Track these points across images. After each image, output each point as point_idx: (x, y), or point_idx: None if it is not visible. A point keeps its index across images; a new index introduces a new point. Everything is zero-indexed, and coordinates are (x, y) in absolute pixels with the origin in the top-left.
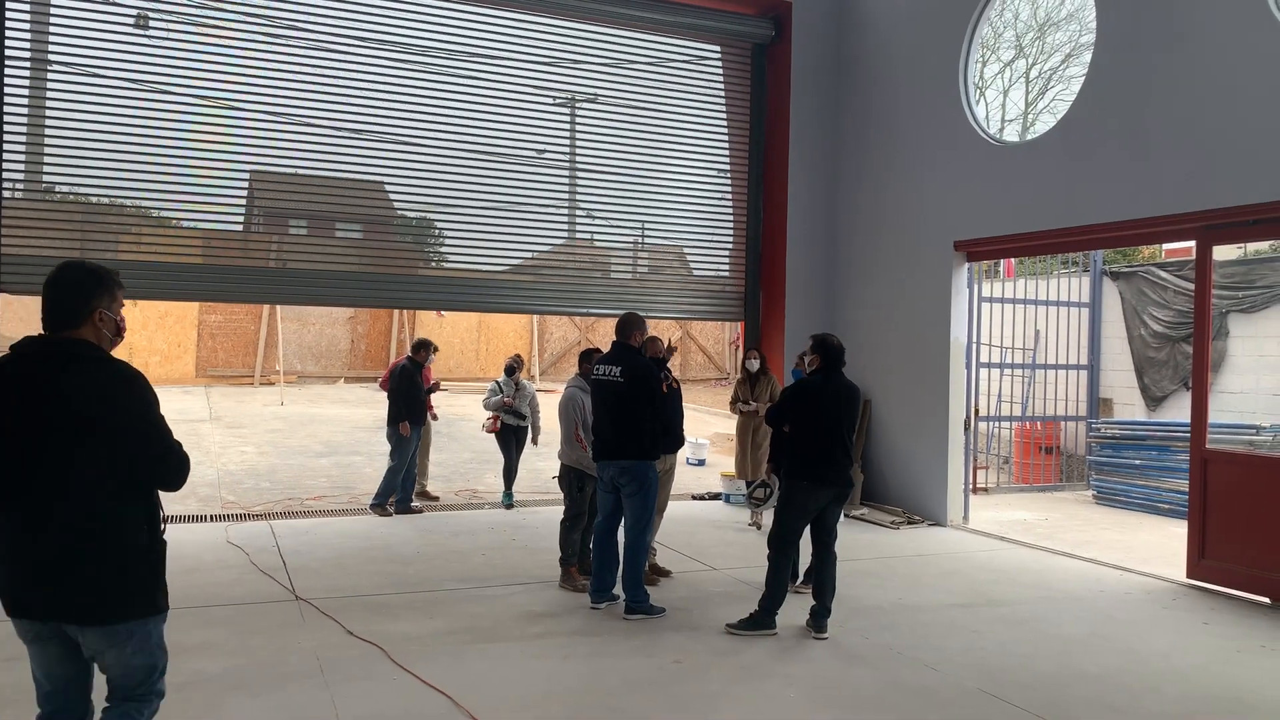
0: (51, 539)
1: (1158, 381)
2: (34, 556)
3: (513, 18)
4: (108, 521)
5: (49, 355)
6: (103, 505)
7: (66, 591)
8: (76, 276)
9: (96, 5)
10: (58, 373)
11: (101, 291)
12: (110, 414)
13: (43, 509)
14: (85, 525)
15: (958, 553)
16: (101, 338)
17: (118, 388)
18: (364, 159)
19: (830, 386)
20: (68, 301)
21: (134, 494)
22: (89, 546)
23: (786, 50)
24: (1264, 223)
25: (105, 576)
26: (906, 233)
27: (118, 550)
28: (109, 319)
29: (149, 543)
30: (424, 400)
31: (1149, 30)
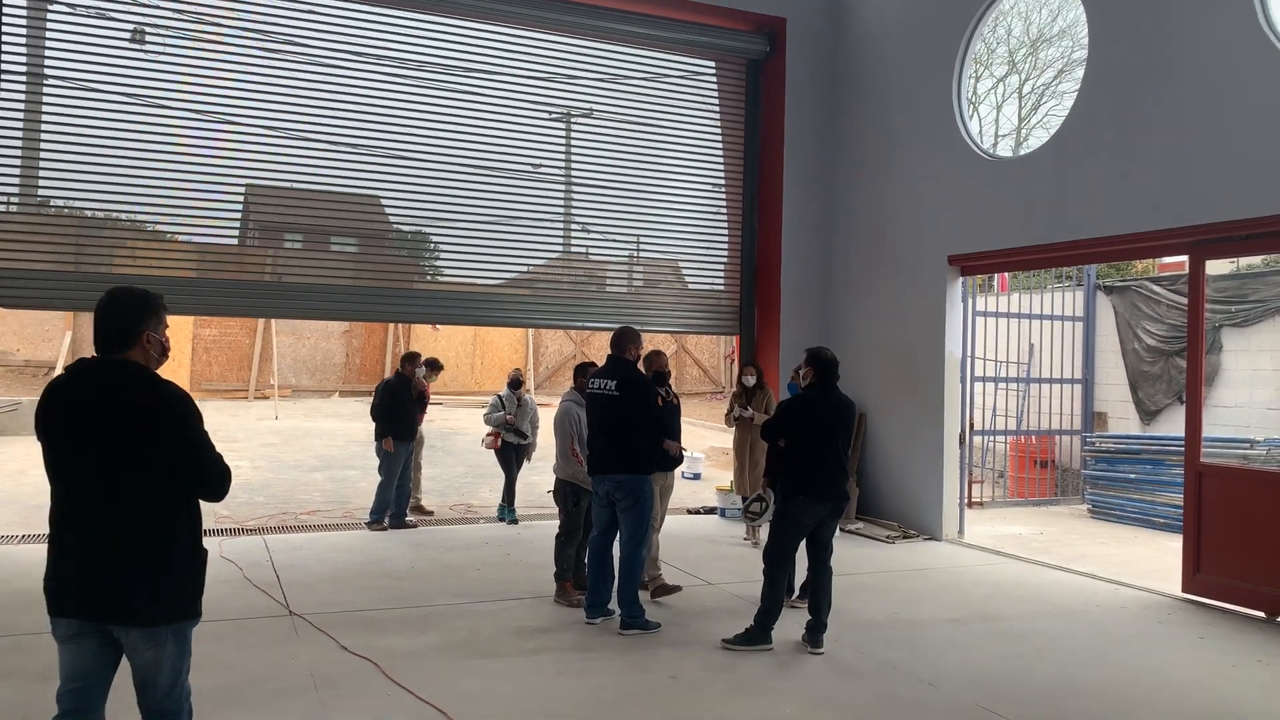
0: (103, 546)
1: (1152, 395)
2: (86, 562)
3: (508, 33)
4: (155, 530)
5: (102, 376)
6: (150, 515)
7: (117, 594)
8: (126, 301)
9: (93, 20)
10: (109, 392)
11: (149, 315)
12: (157, 431)
13: (95, 518)
14: (134, 533)
15: (953, 567)
16: (149, 358)
17: (164, 406)
18: (360, 173)
19: (825, 401)
20: (118, 325)
21: (178, 505)
22: (138, 553)
23: (781, 66)
24: (1256, 237)
25: (153, 581)
26: (901, 247)
27: (163, 557)
28: (155, 340)
29: (191, 551)
30: (413, 414)
31: (1141, 46)
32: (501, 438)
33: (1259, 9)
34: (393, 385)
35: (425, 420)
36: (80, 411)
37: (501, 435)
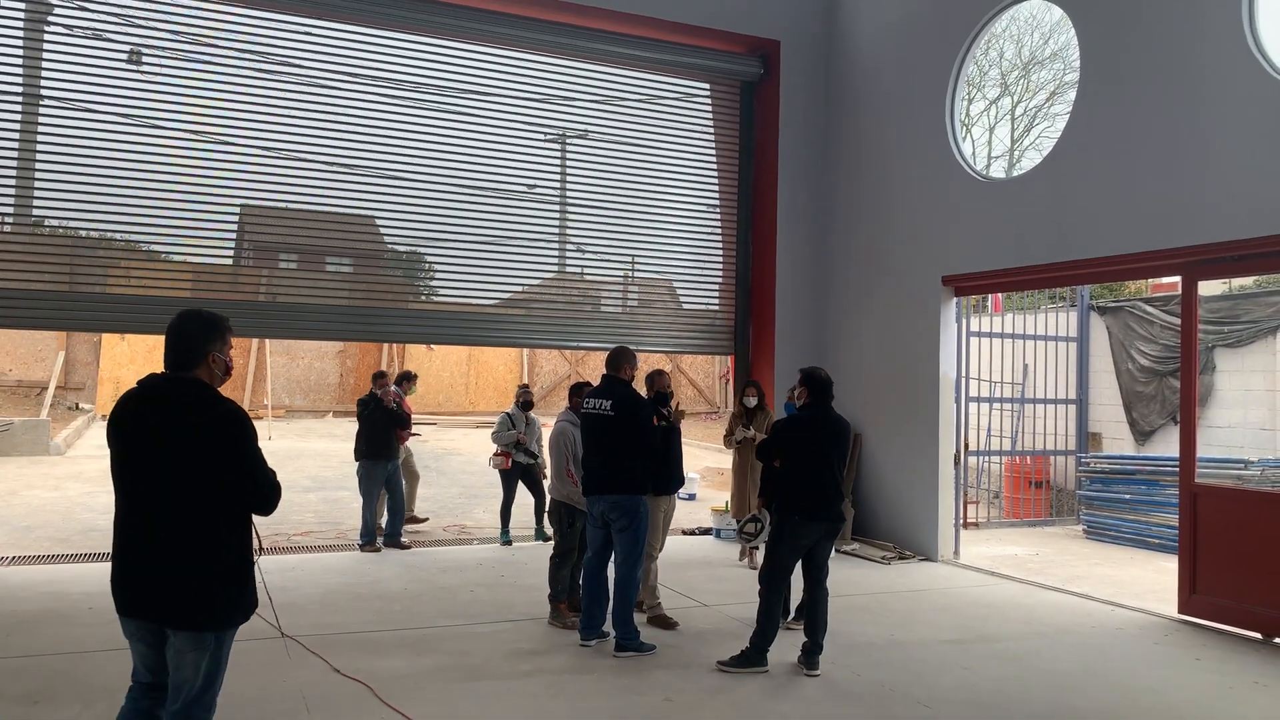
0: (156, 551)
1: (1146, 416)
2: (140, 565)
3: (504, 55)
4: (204, 539)
5: (165, 392)
6: (201, 525)
7: (166, 597)
8: (193, 324)
9: (89, 41)
10: (170, 408)
11: (215, 336)
12: (213, 447)
13: (150, 525)
14: (185, 541)
15: (949, 588)
16: (213, 377)
17: (221, 425)
18: (355, 194)
19: (820, 420)
20: (185, 346)
21: (229, 517)
22: (187, 560)
23: (775, 88)
24: (1248, 258)
25: (200, 587)
26: (895, 267)
27: (211, 565)
28: (220, 360)
29: (239, 560)
30: (386, 433)
31: (1132, 69)
32: (512, 458)
33: (1248, 32)
34: (363, 403)
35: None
36: (142, 424)
37: (510, 455)
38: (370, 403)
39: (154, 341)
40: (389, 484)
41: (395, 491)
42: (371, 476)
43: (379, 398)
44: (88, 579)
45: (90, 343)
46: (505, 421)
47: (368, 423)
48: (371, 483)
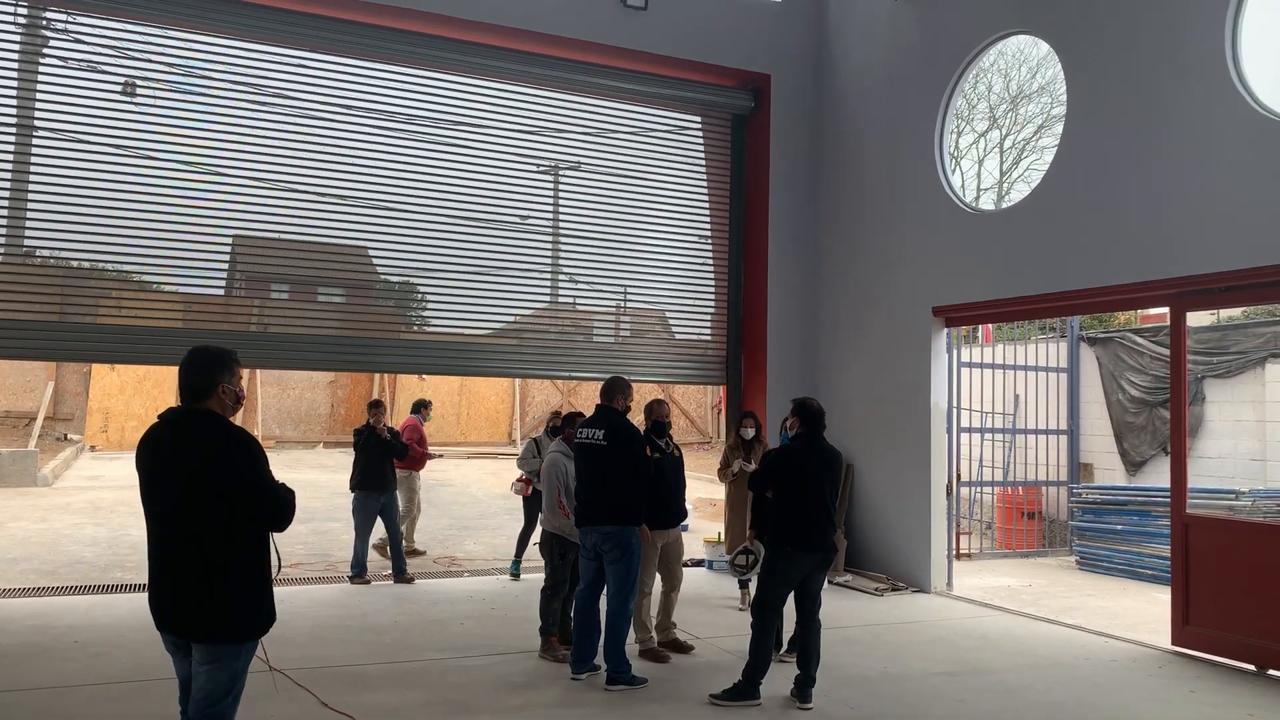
0: (176, 570)
1: (1137, 446)
2: (164, 583)
3: (497, 88)
4: (219, 557)
5: (180, 423)
6: (218, 544)
7: (186, 611)
8: (202, 359)
9: (84, 73)
10: (183, 436)
11: (222, 369)
12: (223, 471)
13: (171, 546)
14: (201, 560)
15: (942, 620)
16: (224, 406)
17: (229, 450)
18: (348, 224)
19: (811, 451)
20: (195, 379)
21: (242, 535)
22: (203, 577)
23: (765, 121)
24: (1235, 289)
25: (216, 602)
26: (886, 298)
27: (225, 581)
28: (229, 391)
29: (255, 578)
30: (380, 464)
31: (1118, 102)
32: (534, 485)
33: (1231, 66)
34: (359, 433)
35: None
36: (160, 453)
37: (534, 483)
38: (365, 433)
39: (144, 372)
40: (384, 517)
41: (391, 526)
42: (365, 508)
43: (373, 428)
44: (73, 612)
45: (80, 373)
46: (530, 447)
47: (363, 453)
48: (365, 514)
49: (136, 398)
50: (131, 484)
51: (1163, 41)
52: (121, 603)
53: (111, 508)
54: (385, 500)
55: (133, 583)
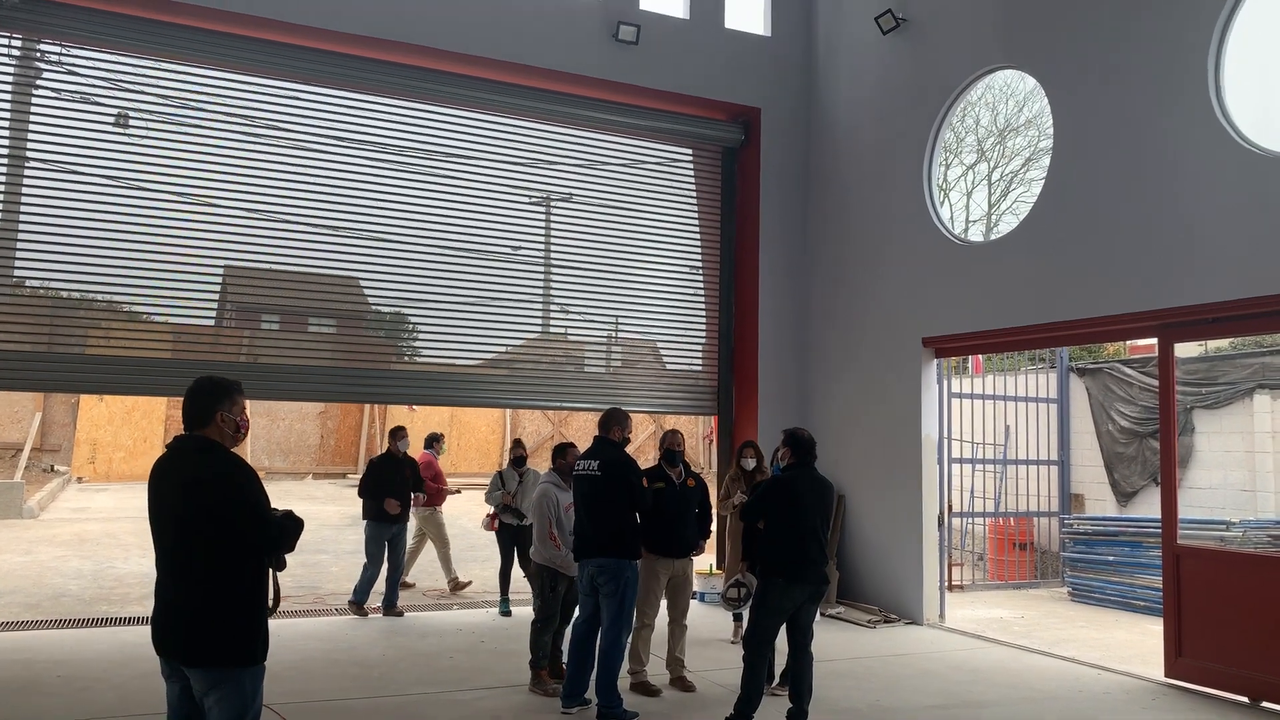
0: (175, 594)
1: (1127, 477)
2: (168, 605)
3: (489, 120)
4: (218, 581)
5: (179, 451)
6: (214, 567)
7: (182, 637)
8: (203, 387)
9: (77, 104)
10: (180, 465)
11: (222, 398)
12: (215, 498)
13: (175, 568)
14: (201, 583)
15: (935, 652)
16: (224, 435)
17: (219, 477)
18: (340, 255)
19: (802, 481)
20: (195, 408)
21: (239, 563)
22: (200, 602)
23: (755, 153)
24: (1223, 320)
25: (211, 627)
26: (876, 329)
27: (221, 606)
28: (229, 420)
29: (249, 603)
30: (395, 493)
31: (1104, 135)
32: (500, 519)
33: (1215, 100)
34: (375, 462)
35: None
36: (160, 481)
37: (499, 516)
38: (381, 461)
39: (132, 403)
40: (391, 547)
41: (396, 556)
42: (377, 538)
43: (392, 455)
44: (57, 646)
45: (68, 404)
46: (495, 480)
47: (379, 480)
48: (375, 543)
49: (125, 429)
50: (117, 516)
51: (1147, 76)
52: (106, 637)
53: (97, 540)
54: (396, 531)
55: (118, 616)
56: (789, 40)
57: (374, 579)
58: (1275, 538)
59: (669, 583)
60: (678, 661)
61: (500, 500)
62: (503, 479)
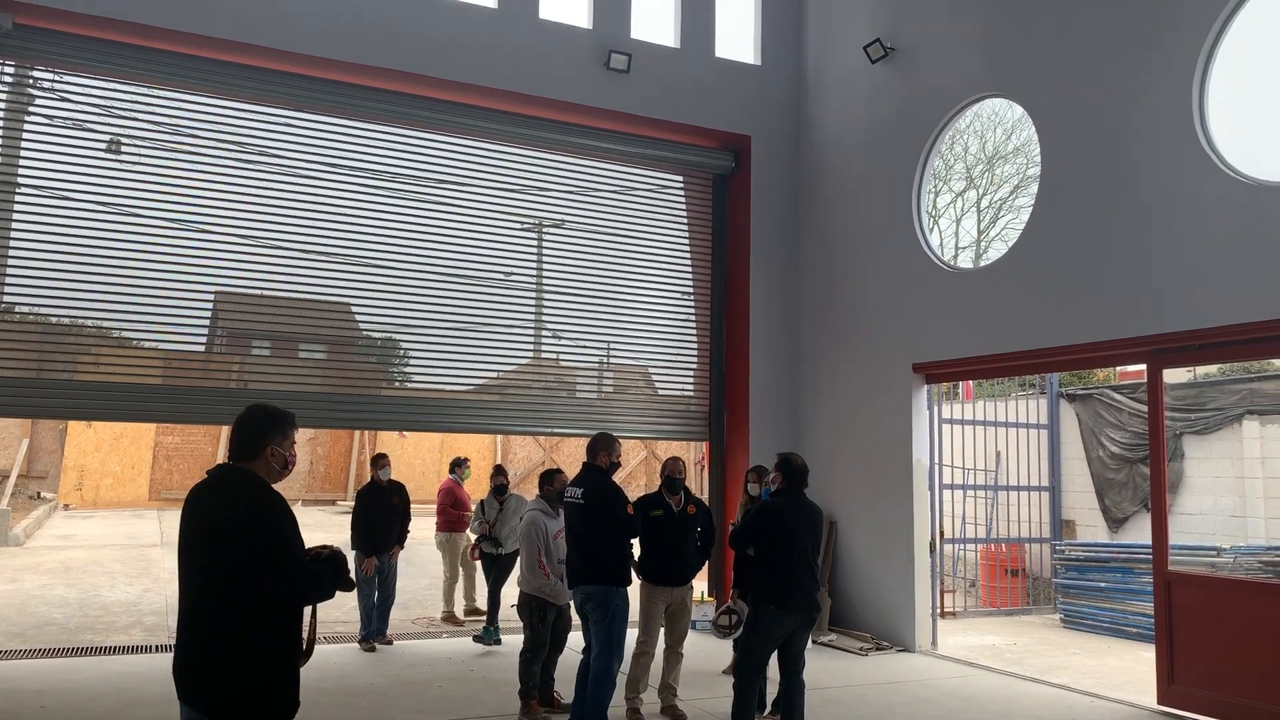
0: (193, 637)
1: (1118, 503)
2: (182, 650)
3: (481, 146)
4: (239, 631)
5: (213, 484)
6: (236, 616)
7: (198, 684)
8: (256, 416)
9: (69, 130)
10: (211, 500)
11: (274, 431)
12: (240, 539)
13: (194, 609)
14: (220, 632)
15: (927, 680)
16: (270, 471)
17: (245, 516)
18: (331, 281)
19: (793, 507)
20: (244, 436)
21: (266, 611)
22: (217, 649)
23: (746, 180)
24: (1210, 347)
25: (226, 677)
26: (866, 355)
27: (239, 656)
28: (279, 454)
29: (274, 658)
30: (380, 524)
31: (1091, 163)
32: (480, 548)
33: (1199, 128)
34: (362, 493)
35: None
36: (194, 512)
37: (479, 545)
38: (367, 491)
39: (121, 429)
40: (381, 576)
41: (387, 585)
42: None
43: (377, 484)
44: (41, 675)
45: (55, 430)
46: (476, 509)
47: (369, 513)
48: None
49: (113, 455)
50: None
51: (1133, 105)
52: (90, 666)
53: (83, 568)
54: (386, 560)
55: (103, 645)
56: (778, 69)
57: (372, 609)
58: (1266, 564)
59: (667, 610)
60: (670, 689)
61: (479, 529)
62: (483, 508)
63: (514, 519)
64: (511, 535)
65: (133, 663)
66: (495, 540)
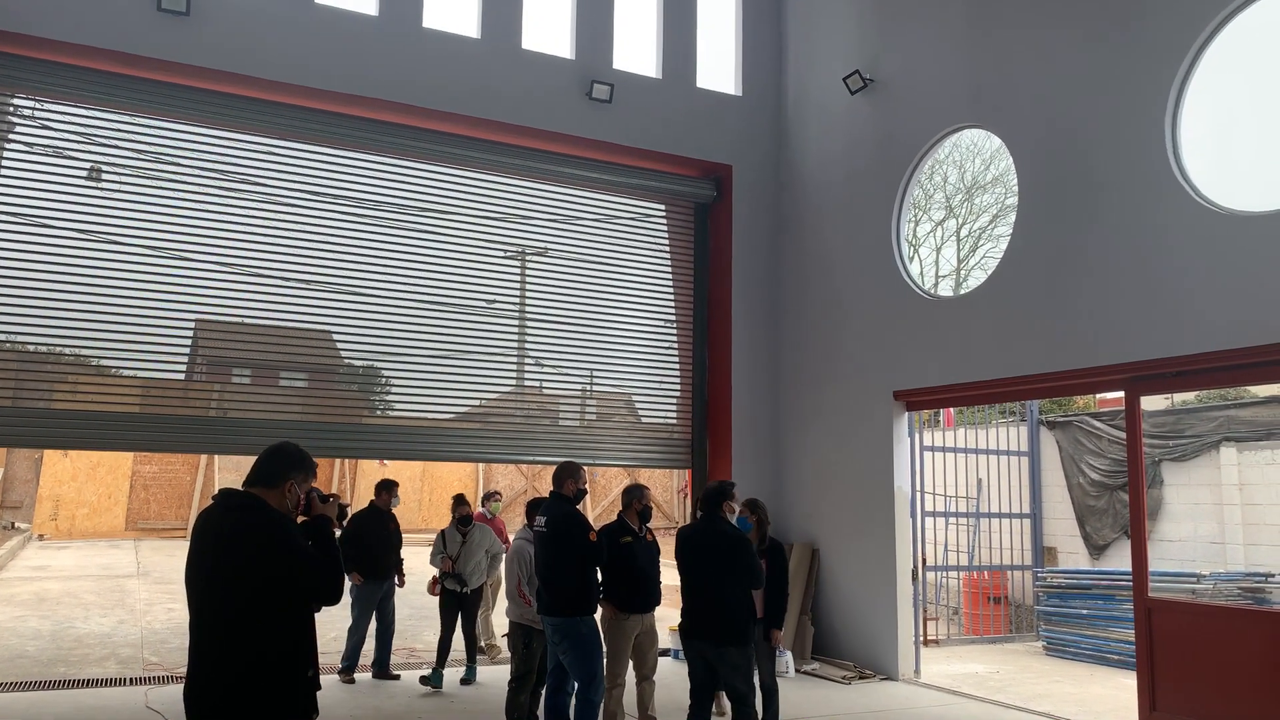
0: (200, 653)
1: (1099, 530)
2: (191, 666)
3: (464, 175)
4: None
5: (224, 505)
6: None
7: (202, 700)
8: (286, 450)
9: (50, 159)
10: (220, 520)
11: (299, 468)
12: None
13: (204, 632)
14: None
15: (911, 708)
16: (283, 503)
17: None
18: (313, 309)
19: (696, 533)
20: (268, 465)
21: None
22: (221, 665)
23: (728, 209)
24: (1187, 374)
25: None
26: (847, 383)
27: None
28: (294, 492)
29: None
30: (380, 550)
31: (1068, 193)
32: (440, 583)
33: (1172, 160)
34: (361, 517)
35: None
36: (204, 535)
37: (441, 582)
38: (366, 515)
39: (98, 458)
40: (380, 606)
41: (386, 616)
42: (367, 596)
43: (379, 509)
44: (13, 710)
45: (31, 459)
46: (437, 542)
47: (362, 536)
48: (364, 601)
49: (89, 485)
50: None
51: (1108, 135)
52: (64, 699)
53: (57, 599)
54: (386, 590)
55: (76, 678)
56: (759, 99)
57: (361, 642)
58: (1245, 590)
59: (636, 639)
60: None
61: (440, 565)
62: (444, 540)
63: (480, 553)
64: (477, 571)
65: (107, 696)
66: (459, 577)
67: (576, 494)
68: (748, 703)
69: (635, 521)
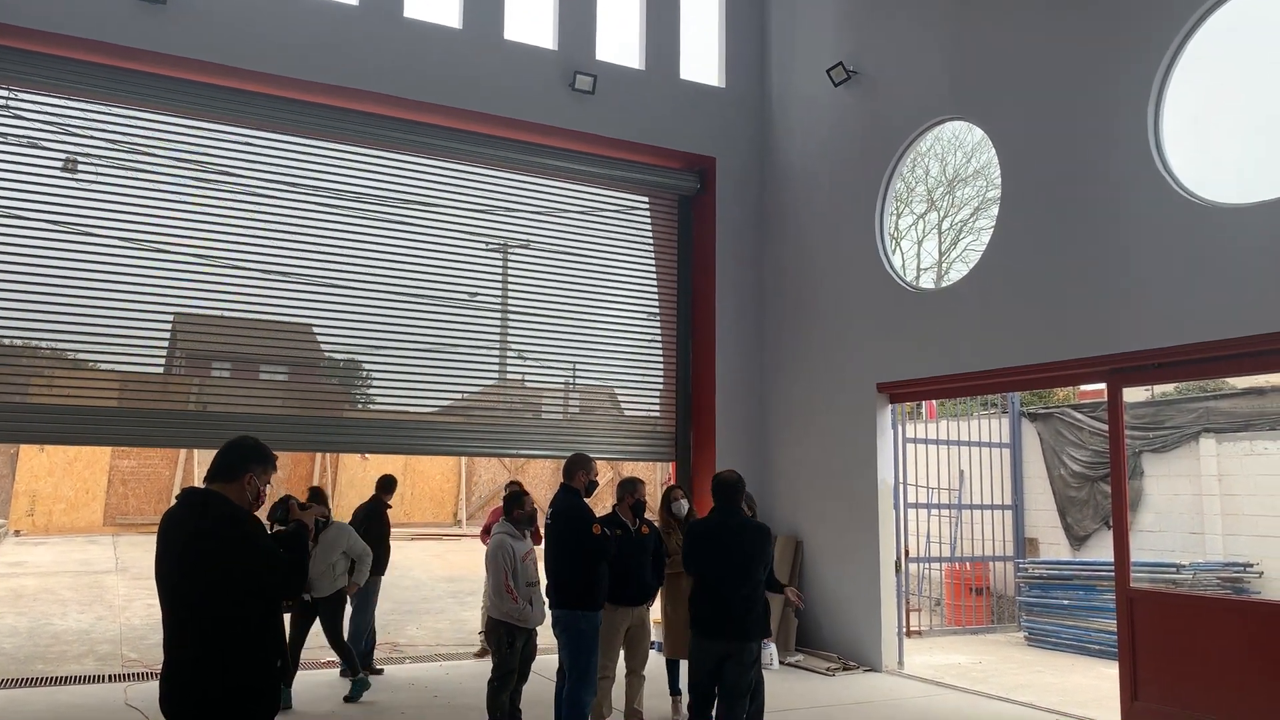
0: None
1: (1080, 521)
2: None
3: (446, 166)
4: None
5: (185, 502)
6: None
7: (173, 700)
8: (244, 443)
9: (24, 149)
10: (182, 517)
11: (257, 460)
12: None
13: (174, 627)
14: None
15: (894, 700)
16: (244, 498)
17: (217, 527)
18: (293, 302)
19: (718, 527)
20: (226, 460)
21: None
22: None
23: (711, 201)
24: (1167, 366)
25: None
26: (830, 375)
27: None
28: (254, 485)
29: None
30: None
31: (1050, 185)
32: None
33: (1154, 152)
34: (365, 512)
35: None
36: (167, 534)
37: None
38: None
39: (75, 453)
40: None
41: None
42: (370, 592)
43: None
44: None
45: (6, 454)
46: None
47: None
48: (365, 597)
49: (66, 480)
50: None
51: (1091, 128)
52: (41, 697)
53: (34, 596)
54: (373, 585)
55: (54, 675)
56: (743, 91)
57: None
58: (1225, 580)
59: (627, 632)
60: (636, 714)
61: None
62: None
63: (335, 554)
64: (328, 574)
65: (85, 693)
66: None
67: (587, 486)
68: (746, 698)
69: (628, 515)
